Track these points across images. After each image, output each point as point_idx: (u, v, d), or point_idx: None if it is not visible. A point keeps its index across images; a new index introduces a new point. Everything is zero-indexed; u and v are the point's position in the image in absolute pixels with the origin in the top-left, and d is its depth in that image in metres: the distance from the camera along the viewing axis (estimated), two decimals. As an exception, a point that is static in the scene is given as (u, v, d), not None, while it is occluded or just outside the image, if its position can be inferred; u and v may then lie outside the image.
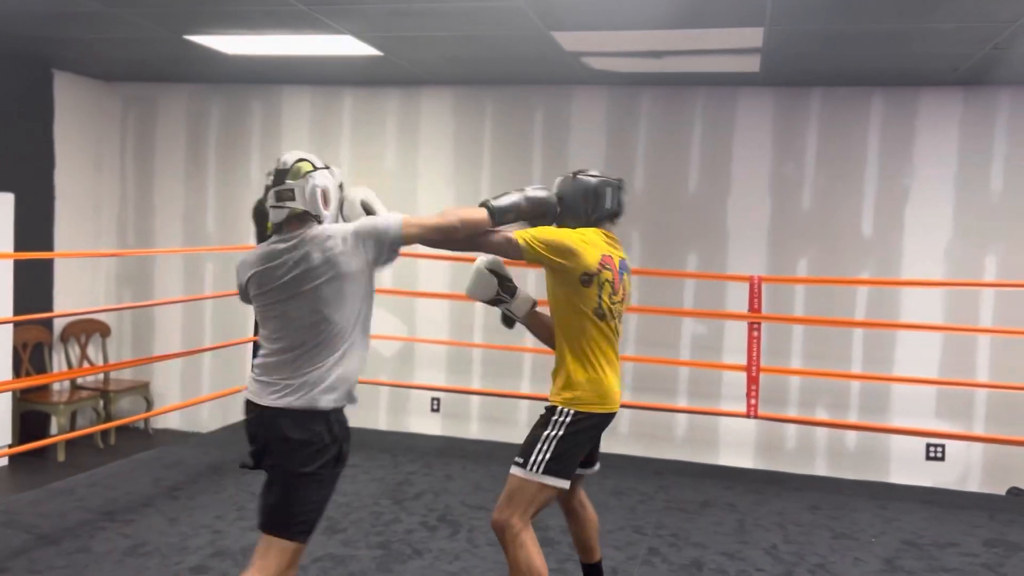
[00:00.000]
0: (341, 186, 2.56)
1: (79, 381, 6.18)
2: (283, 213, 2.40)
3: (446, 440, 5.44)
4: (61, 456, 5.63)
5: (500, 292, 2.85)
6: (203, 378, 6.48)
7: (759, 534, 3.87)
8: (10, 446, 5.45)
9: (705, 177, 5.57)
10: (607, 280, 2.65)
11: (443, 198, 5.99)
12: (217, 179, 6.42)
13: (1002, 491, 5.10)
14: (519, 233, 2.61)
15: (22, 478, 5.03)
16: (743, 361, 4.82)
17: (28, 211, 5.67)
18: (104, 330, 6.42)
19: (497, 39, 4.54)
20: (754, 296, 4.73)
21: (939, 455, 5.28)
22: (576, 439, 2.57)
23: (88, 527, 3.62)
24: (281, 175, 2.44)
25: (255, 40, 4.78)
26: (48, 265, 6.04)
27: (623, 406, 5.55)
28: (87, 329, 6.31)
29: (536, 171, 5.84)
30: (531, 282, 5.48)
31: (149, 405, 6.39)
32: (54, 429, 5.86)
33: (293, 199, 2.39)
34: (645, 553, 3.61)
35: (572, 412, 2.58)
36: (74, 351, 6.24)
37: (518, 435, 5.74)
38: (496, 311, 2.95)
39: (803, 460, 5.47)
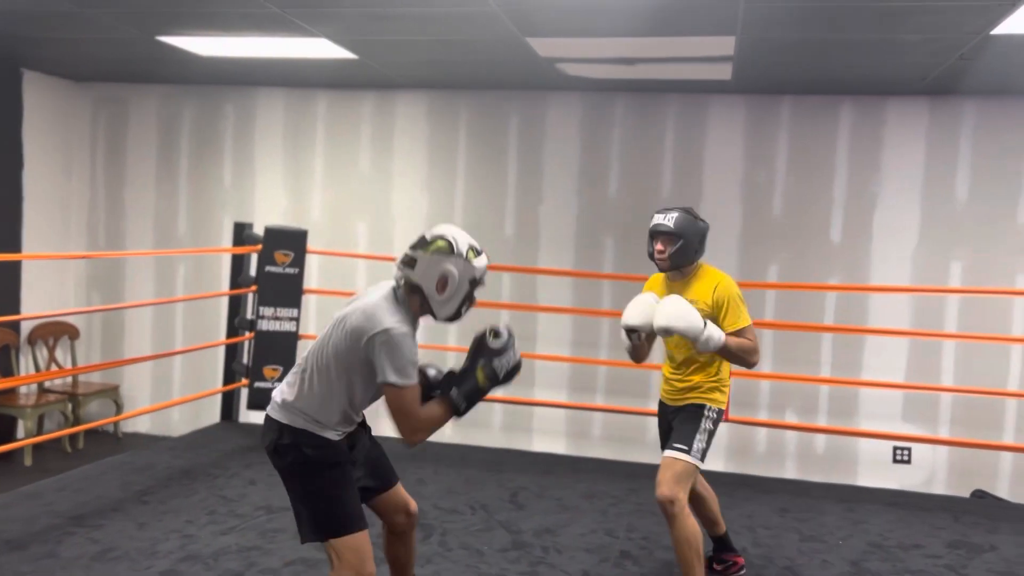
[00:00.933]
0: (476, 281, 2.47)
1: (47, 384, 6.10)
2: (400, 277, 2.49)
3: (420, 444, 5.43)
4: (28, 460, 5.55)
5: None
6: (174, 381, 6.42)
7: (729, 537, 3.91)
8: (-25, 450, 5.37)
9: (678, 183, 5.63)
10: None
11: (417, 203, 6.00)
12: (189, 182, 6.37)
13: (966, 493, 5.20)
14: (742, 324, 3.02)
15: (-13, 483, 4.95)
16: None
17: (-5, 212, 5.60)
18: (73, 332, 6.34)
19: (472, 44, 4.56)
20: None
21: (905, 458, 5.37)
22: (714, 432, 3.12)
23: (56, 532, 3.57)
24: (418, 244, 2.49)
25: (229, 42, 4.75)
26: (16, 267, 5.95)
27: (593, 409, 5.60)
28: (55, 331, 6.23)
29: (511, 175, 5.87)
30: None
31: (119, 408, 6.32)
32: (21, 433, 5.77)
33: (409, 265, 2.47)
34: (617, 556, 3.63)
35: (718, 410, 3.11)
36: (42, 354, 6.16)
37: (492, 439, 5.79)
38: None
39: (773, 463, 5.54)
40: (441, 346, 5.83)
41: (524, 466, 4.95)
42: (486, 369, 2.46)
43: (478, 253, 2.48)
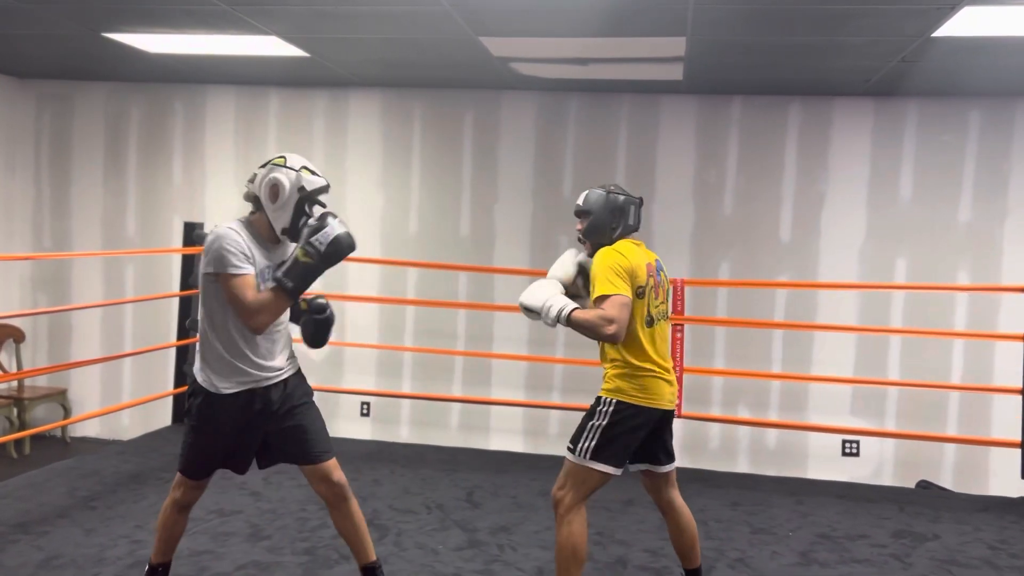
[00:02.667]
0: (306, 193, 2.67)
1: (-10, 389, 5.94)
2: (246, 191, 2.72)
3: (376, 444, 5.41)
4: (-29, 467, 5.40)
5: (579, 286, 2.99)
6: (123, 384, 6.30)
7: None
8: (-85, 458, 5.21)
9: (631, 182, 5.68)
10: (651, 287, 2.85)
11: (373, 201, 5.96)
12: (138, 181, 6.26)
13: (912, 484, 5.33)
14: (598, 293, 2.74)
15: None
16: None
17: (-65, 212, 5.44)
18: (18, 335, 6.18)
19: (425, 43, 4.55)
20: (677, 299, 4.84)
21: (854, 451, 5.49)
22: (619, 429, 2.77)
23: (-1, 540, 3.49)
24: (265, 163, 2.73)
25: (177, 39, 4.68)
26: (-43, 268, 5.79)
27: (549, 407, 5.62)
28: (0, 334, 6.08)
29: (466, 174, 5.87)
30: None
31: (66, 412, 6.18)
32: (-37, 439, 5.61)
33: (252, 181, 2.70)
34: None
35: (615, 402, 2.79)
36: (-15, 358, 6.00)
37: (449, 438, 5.79)
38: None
39: (725, 458, 5.63)
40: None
41: (480, 465, 4.96)
42: (305, 246, 2.59)
43: (313, 173, 2.69)
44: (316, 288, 3.32)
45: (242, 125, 6.11)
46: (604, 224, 2.89)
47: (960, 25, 3.80)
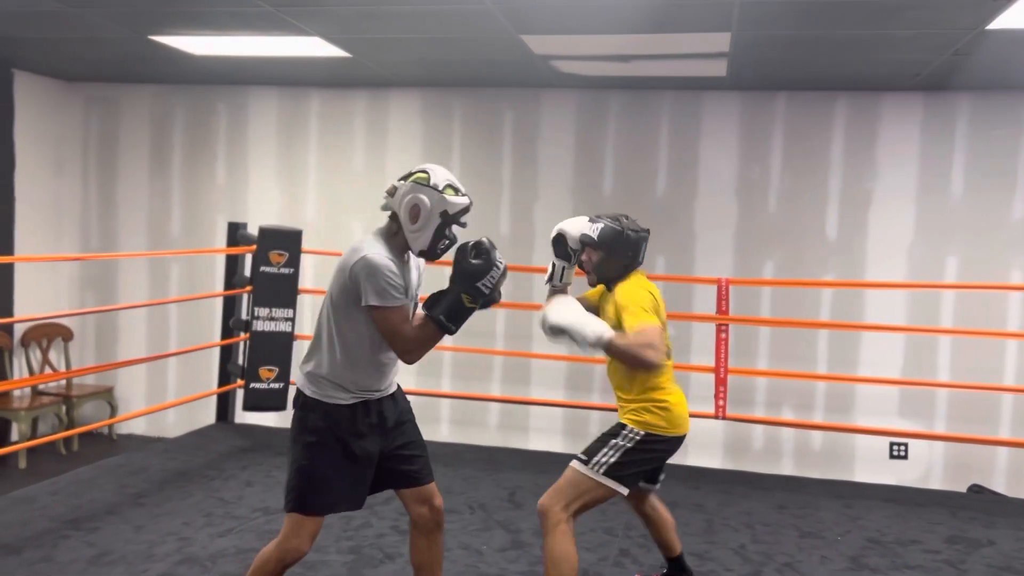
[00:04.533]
0: (448, 217, 2.50)
1: (41, 387, 6.06)
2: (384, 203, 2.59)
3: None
4: (22, 463, 5.52)
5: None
6: (168, 383, 6.39)
7: (727, 534, 3.91)
8: (-31, 454, 5.33)
9: (672, 180, 5.62)
10: (664, 320, 2.83)
11: (412, 201, 5.97)
12: (182, 181, 6.34)
13: (963, 488, 5.20)
14: (633, 322, 2.67)
15: (-19, 486, 4.92)
16: (710, 362, 4.86)
17: (-13, 213, 5.56)
18: (66, 334, 6.30)
19: (466, 42, 4.54)
20: (722, 298, 4.78)
21: (902, 454, 5.38)
22: (642, 455, 2.75)
23: (51, 536, 3.55)
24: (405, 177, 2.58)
25: (222, 41, 4.73)
26: (8, 269, 5.91)
27: (589, 407, 5.58)
28: (48, 333, 6.19)
29: (506, 173, 5.85)
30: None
31: (113, 411, 6.28)
32: (15, 436, 5.74)
33: (391, 194, 2.57)
34: (616, 555, 3.62)
35: (644, 433, 2.75)
36: (35, 356, 6.12)
37: (488, 438, 5.78)
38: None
39: (770, 460, 5.54)
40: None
41: (521, 465, 4.94)
42: (470, 290, 2.46)
43: (457, 192, 2.51)
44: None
45: (284, 126, 6.16)
46: (616, 262, 2.86)
47: (1017, 17, 3.69)
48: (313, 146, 6.13)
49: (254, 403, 5.01)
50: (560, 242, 3.00)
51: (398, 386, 2.71)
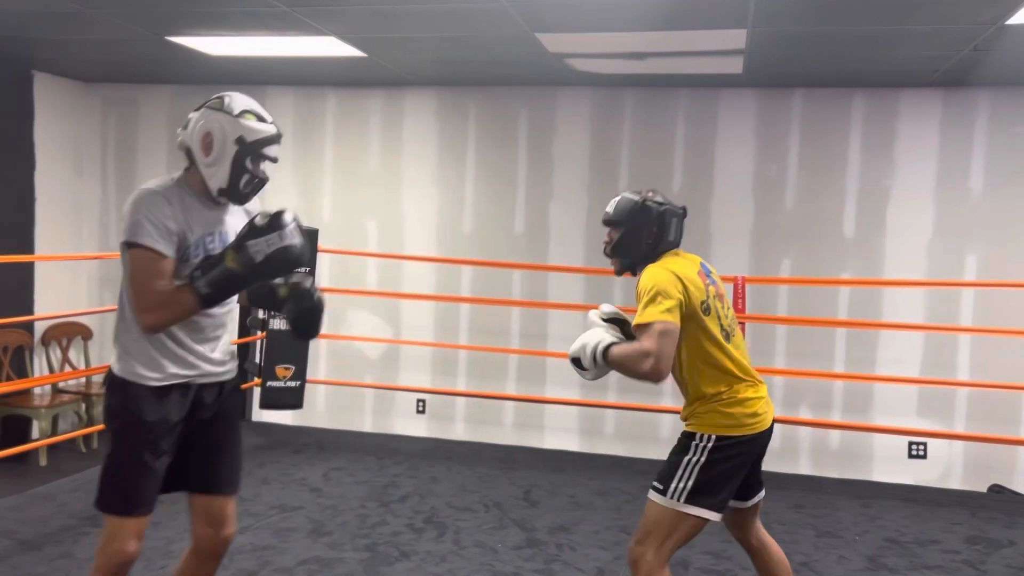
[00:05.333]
0: (246, 145, 2.12)
1: (61, 385, 6.12)
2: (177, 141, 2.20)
3: (432, 442, 5.43)
4: (43, 460, 5.58)
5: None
6: (186, 381, 6.43)
7: (744, 533, 3.89)
8: (-10, 451, 5.39)
9: (688, 178, 5.60)
10: (714, 297, 2.45)
11: (427, 200, 5.99)
12: (200, 181, 6.38)
13: (983, 488, 5.15)
14: (637, 320, 2.30)
15: (3, 483, 4.97)
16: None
17: (9, 213, 5.62)
18: (86, 333, 6.36)
19: (481, 40, 4.54)
20: (738, 296, 4.76)
21: (921, 453, 5.33)
22: (721, 466, 2.33)
23: (71, 533, 3.58)
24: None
25: (238, 41, 4.75)
26: (29, 268, 5.98)
27: (605, 406, 5.56)
28: (68, 332, 6.26)
29: (521, 171, 5.85)
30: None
31: (132, 409, 6.32)
32: (36, 433, 5.80)
33: (185, 127, 2.18)
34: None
35: (714, 437, 2.34)
36: (55, 354, 6.18)
37: (503, 436, 5.78)
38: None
39: (787, 459, 5.51)
40: (453, 345, 5.81)
41: (536, 463, 4.95)
42: (240, 251, 2.03)
43: (261, 120, 2.14)
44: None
45: (300, 125, 6.19)
46: (637, 240, 2.45)
47: (1038, 11, 3.65)
48: (329, 145, 6.15)
49: (271, 401, 5.04)
50: None
51: (237, 379, 2.32)
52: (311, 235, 5.17)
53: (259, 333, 5.25)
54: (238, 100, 2.15)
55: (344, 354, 6.08)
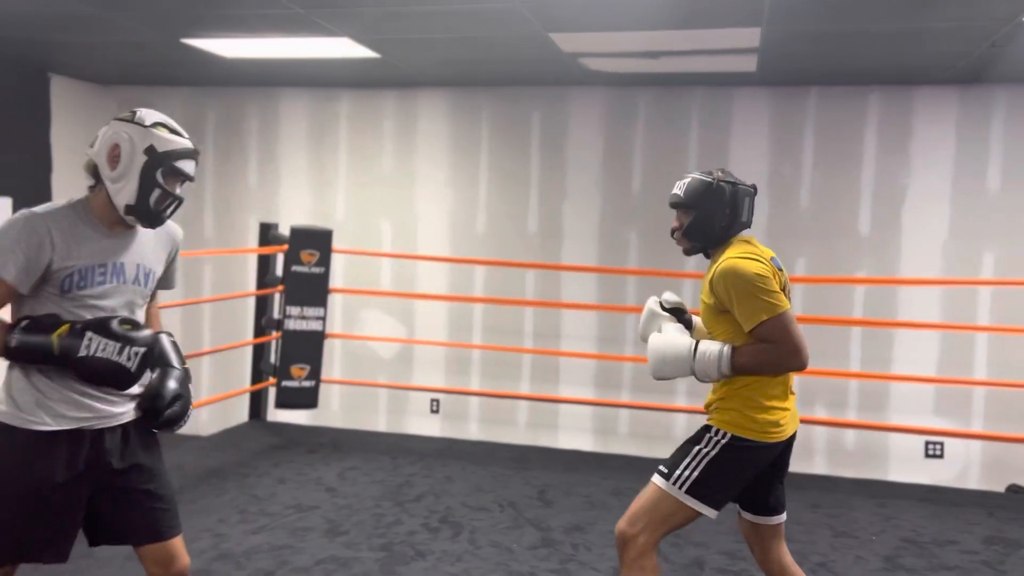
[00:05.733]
0: (157, 156, 1.93)
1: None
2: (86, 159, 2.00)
3: (446, 441, 5.43)
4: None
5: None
6: (202, 381, 6.48)
7: (760, 533, 3.88)
8: (9, 451, 5.44)
9: (703, 177, 5.58)
10: (786, 290, 2.36)
11: (441, 200, 6.00)
12: (215, 183, 6.42)
13: (1001, 488, 5.11)
14: (756, 319, 2.20)
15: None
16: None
17: (26, 215, 5.68)
18: (102, 334, 6.41)
19: (494, 41, 4.55)
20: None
21: (938, 453, 5.30)
22: (729, 465, 2.26)
23: (89, 532, 3.61)
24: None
25: (252, 43, 4.78)
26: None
27: (619, 405, 5.56)
28: (85, 333, 6.31)
29: (534, 171, 5.85)
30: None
31: (148, 409, 6.37)
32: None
33: (92, 145, 1.99)
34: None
35: (730, 436, 2.26)
36: (72, 355, 6.24)
37: (517, 436, 5.78)
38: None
39: (802, 459, 5.48)
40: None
41: (550, 463, 4.94)
42: (65, 339, 1.84)
43: (182, 135, 2.00)
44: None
45: (314, 126, 6.21)
46: (711, 221, 2.34)
47: (1055, 7, 3.62)
48: (343, 146, 6.17)
49: (286, 401, 5.07)
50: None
51: (139, 416, 2.05)
52: (324, 236, 5.19)
53: (274, 333, 5.28)
54: (151, 113, 1.99)
55: (358, 354, 6.10)
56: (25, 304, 1.91)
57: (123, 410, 2.01)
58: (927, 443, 5.31)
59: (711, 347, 2.26)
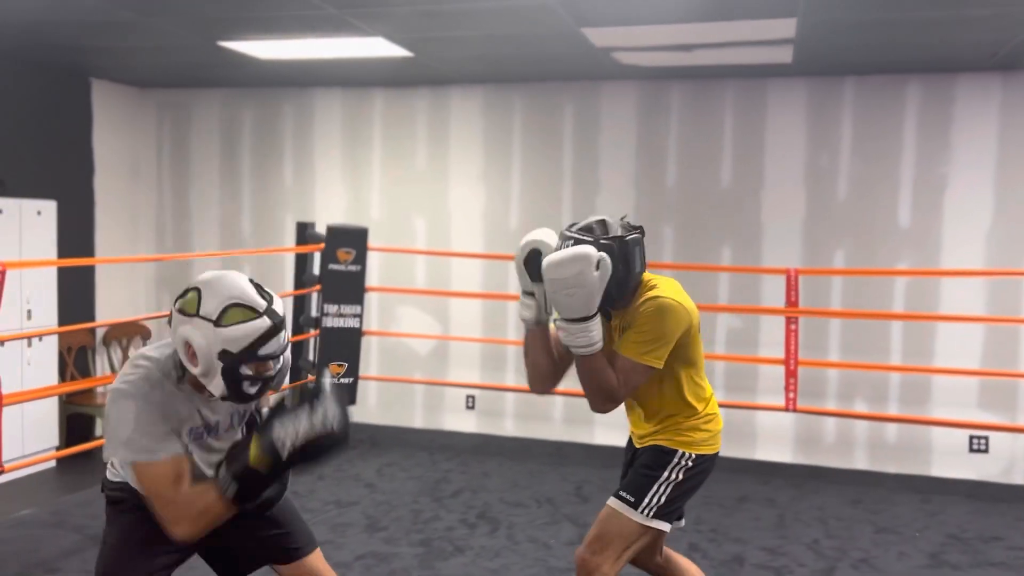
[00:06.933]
0: (233, 358, 1.79)
1: (122, 384, 6.29)
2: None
3: (482, 437, 5.46)
4: (106, 457, 5.74)
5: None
6: (242, 379, 6.56)
7: (800, 529, 3.85)
8: (58, 448, 5.57)
9: (738, 170, 5.53)
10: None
11: (474, 197, 6.01)
12: (252, 183, 6.50)
13: (1048, 483, 5.01)
14: (630, 353, 2.18)
15: (70, 480, 5.14)
16: (779, 354, 4.78)
17: (70, 217, 5.80)
18: (145, 332, 6.54)
19: (526, 37, 4.55)
20: (791, 289, 4.69)
21: (983, 447, 5.20)
22: (690, 483, 2.32)
23: (135, 527, 3.69)
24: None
25: (287, 44, 4.83)
26: (90, 270, 6.16)
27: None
28: (128, 332, 6.43)
29: (567, 167, 5.84)
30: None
31: (190, 406, 6.48)
32: (99, 431, 5.98)
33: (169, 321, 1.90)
34: (685, 549, 3.59)
35: (695, 456, 2.32)
36: (116, 354, 6.36)
37: (553, 432, 5.79)
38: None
39: (843, 454, 5.42)
40: (501, 340, 5.82)
41: (586, 459, 4.95)
42: (263, 441, 1.76)
43: (256, 313, 1.79)
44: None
45: (348, 125, 6.26)
46: (610, 286, 2.15)
47: (1103, -10, 3.52)
48: (377, 145, 6.21)
49: (324, 398, 5.12)
50: (535, 260, 2.25)
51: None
52: (360, 234, 5.23)
53: (312, 331, 5.34)
54: (217, 294, 1.78)
55: (394, 351, 6.15)
56: None
57: None
58: (971, 438, 5.21)
59: (597, 328, 2.13)
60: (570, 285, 2.05)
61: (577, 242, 2.15)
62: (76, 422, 5.92)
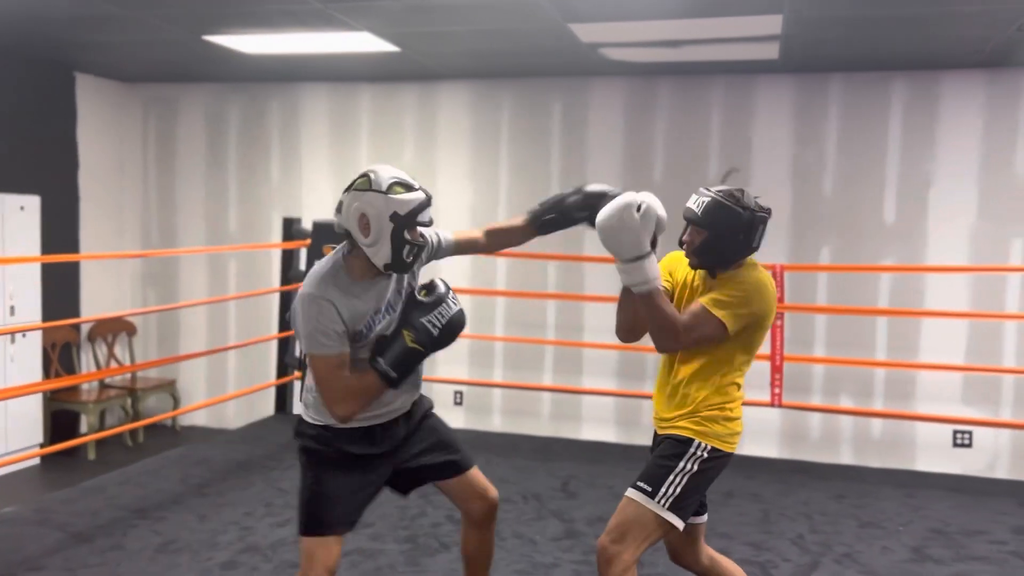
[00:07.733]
0: (401, 219, 2.20)
1: (107, 380, 6.26)
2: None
3: (469, 433, 5.46)
4: (92, 455, 5.72)
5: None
6: (228, 375, 6.55)
7: (784, 524, 3.87)
8: (42, 445, 5.54)
9: (725, 166, 5.54)
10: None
11: (462, 193, 6.00)
12: (238, 178, 6.47)
13: (1031, 477, 5.05)
14: (711, 309, 2.28)
15: (54, 477, 5.12)
16: (764, 350, 4.79)
17: (54, 213, 5.76)
18: (130, 329, 6.50)
19: (514, 32, 4.54)
20: (777, 285, 4.70)
21: (966, 442, 5.24)
22: (703, 477, 2.34)
23: (120, 524, 3.67)
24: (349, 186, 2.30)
25: (273, 39, 4.80)
26: (74, 266, 6.12)
27: (642, 396, 5.55)
28: (114, 329, 6.40)
29: (554, 163, 5.84)
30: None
31: (176, 403, 6.46)
32: (84, 428, 5.95)
33: (339, 210, 2.28)
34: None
35: (709, 448, 2.34)
36: (101, 351, 6.33)
37: (541, 428, 5.80)
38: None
39: (828, 449, 5.45)
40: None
41: (574, 454, 4.95)
42: (413, 329, 2.26)
43: (408, 188, 2.23)
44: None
45: (335, 121, 6.24)
46: (723, 244, 2.33)
47: (1085, -12, 3.55)
48: (364, 140, 6.19)
49: (311, 395, 5.11)
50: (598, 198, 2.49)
51: (420, 396, 2.51)
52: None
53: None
54: (383, 174, 2.23)
55: (382, 347, 6.14)
56: None
57: (400, 406, 2.40)
58: (955, 432, 5.25)
59: (652, 267, 2.27)
60: (616, 229, 2.29)
61: (707, 198, 2.35)
62: (60, 419, 5.89)
